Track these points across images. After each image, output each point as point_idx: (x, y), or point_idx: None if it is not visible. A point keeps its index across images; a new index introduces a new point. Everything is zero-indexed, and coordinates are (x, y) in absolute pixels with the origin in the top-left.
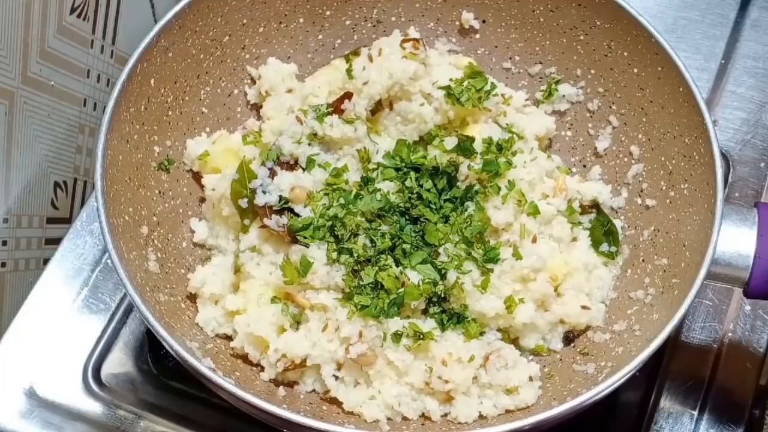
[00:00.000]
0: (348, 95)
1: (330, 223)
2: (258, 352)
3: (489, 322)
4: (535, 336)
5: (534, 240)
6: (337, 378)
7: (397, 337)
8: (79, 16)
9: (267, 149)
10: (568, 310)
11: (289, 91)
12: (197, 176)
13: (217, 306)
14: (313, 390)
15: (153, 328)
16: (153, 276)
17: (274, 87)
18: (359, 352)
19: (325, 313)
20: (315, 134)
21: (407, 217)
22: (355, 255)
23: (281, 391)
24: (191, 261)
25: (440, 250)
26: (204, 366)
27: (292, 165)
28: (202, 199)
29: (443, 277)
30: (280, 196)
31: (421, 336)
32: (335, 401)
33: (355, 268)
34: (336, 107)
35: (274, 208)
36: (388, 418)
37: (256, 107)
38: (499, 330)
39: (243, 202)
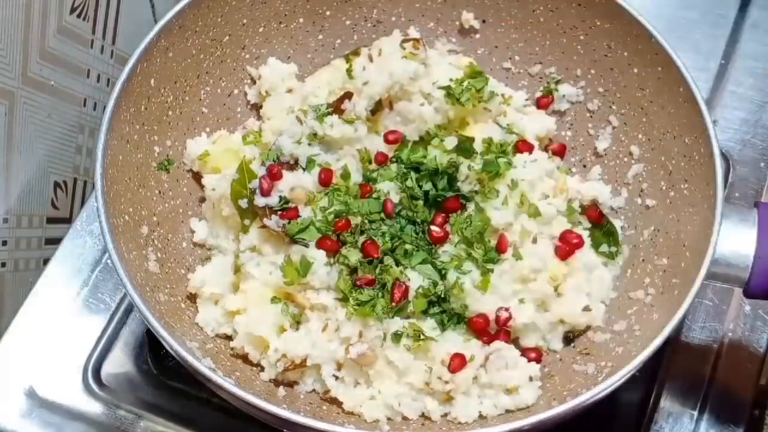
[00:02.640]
0: (348, 95)
1: (331, 222)
2: (258, 352)
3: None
4: (535, 336)
5: (534, 240)
6: (337, 378)
7: (397, 337)
8: (79, 16)
9: (267, 149)
10: (568, 310)
11: (289, 91)
12: (197, 176)
13: (217, 306)
14: (313, 390)
15: (153, 328)
16: (153, 276)
17: (274, 87)
18: (359, 352)
19: (325, 313)
20: (315, 134)
21: (407, 218)
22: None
23: (281, 391)
24: (191, 261)
25: (440, 250)
26: (204, 366)
27: (292, 165)
28: (202, 199)
29: (443, 277)
30: (280, 197)
31: (422, 336)
32: (335, 401)
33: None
34: (336, 107)
35: (274, 209)
36: (388, 418)
37: (256, 107)
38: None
39: (243, 203)
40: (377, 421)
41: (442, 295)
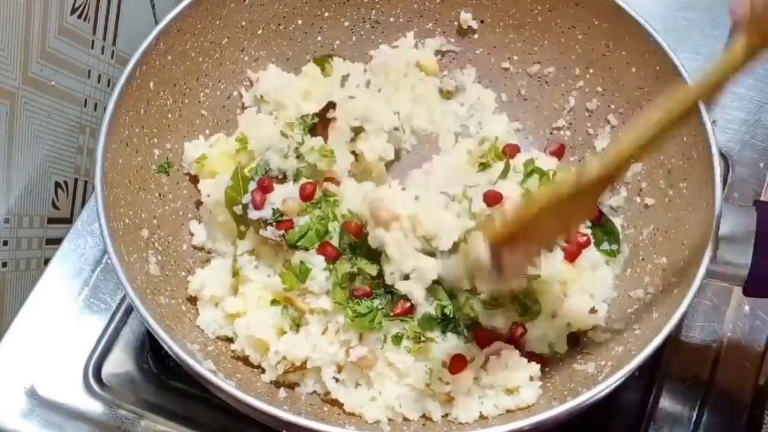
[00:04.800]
0: (332, 105)
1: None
2: (258, 355)
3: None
4: (542, 344)
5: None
6: (337, 380)
7: (397, 339)
8: (80, 16)
9: (252, 157)
10: (575, 312)
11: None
12: (196, 179)
13: (218, 308)
14: (314, 391)
15: (154, 330)
16: (153, 279)
17: (269, 93)
18: (359, 355)
19: (325, 317)
20: (300, 152)
21: None
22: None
23: (282, 392)
24: (191, 263)
25: None
26: (205, 368)
27: (281, 179)
28: (201, 202)
29: (452, 296)
30: (273, 209)
31: (422, 338)
32: (336, 402)
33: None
34: (322, 117)
35: (268, 221)
36: (389, 419)
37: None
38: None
39: (238, 209)
40: (378, 422)
41: (452, 315)
